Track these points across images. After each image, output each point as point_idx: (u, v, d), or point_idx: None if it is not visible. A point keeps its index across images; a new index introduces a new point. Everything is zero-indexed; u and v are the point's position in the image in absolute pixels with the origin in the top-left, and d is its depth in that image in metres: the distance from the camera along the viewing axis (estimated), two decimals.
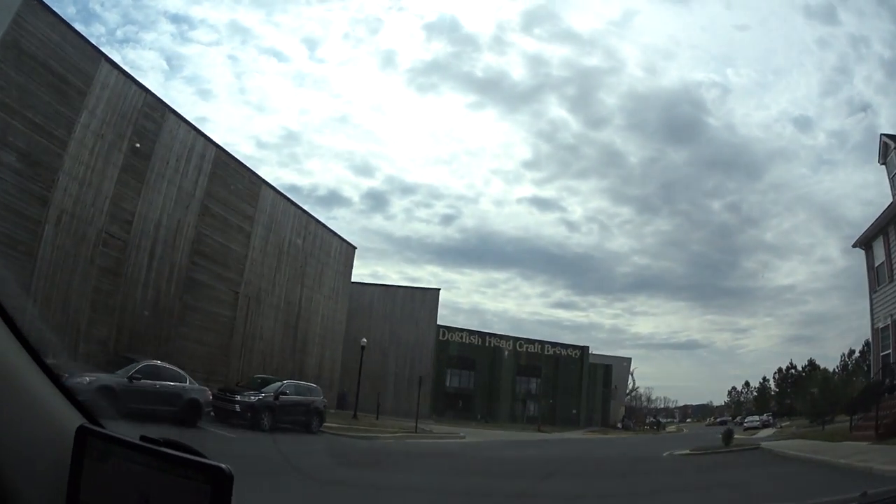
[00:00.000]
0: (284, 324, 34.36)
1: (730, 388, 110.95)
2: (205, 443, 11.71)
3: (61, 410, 1.55)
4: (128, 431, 1.51)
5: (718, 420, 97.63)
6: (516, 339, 65.39)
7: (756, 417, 58.06)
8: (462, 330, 62.89)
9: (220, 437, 16.02)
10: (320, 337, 37.85)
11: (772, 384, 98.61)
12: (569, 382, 65.30)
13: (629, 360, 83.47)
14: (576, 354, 67.25)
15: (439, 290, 55.37)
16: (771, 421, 57.56)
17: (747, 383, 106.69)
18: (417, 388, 35.94)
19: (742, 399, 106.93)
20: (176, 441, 1.44)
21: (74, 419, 1.54)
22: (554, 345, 67.04)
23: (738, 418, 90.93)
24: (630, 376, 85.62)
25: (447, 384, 60.01)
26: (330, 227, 40.12)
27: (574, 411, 65.41)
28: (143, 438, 1.45)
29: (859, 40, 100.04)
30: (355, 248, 42.28)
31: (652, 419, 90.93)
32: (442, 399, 57.73)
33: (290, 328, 35.18)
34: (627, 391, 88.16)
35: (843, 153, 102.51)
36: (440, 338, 59.55)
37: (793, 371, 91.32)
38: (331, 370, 37.28)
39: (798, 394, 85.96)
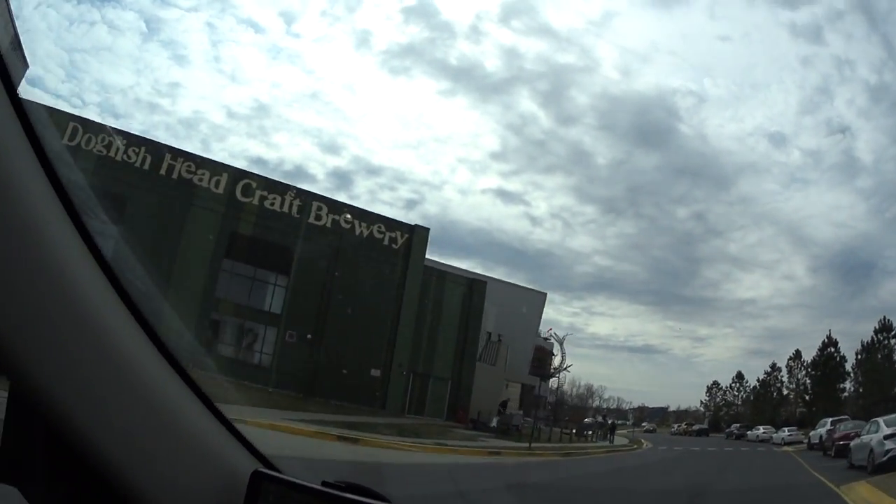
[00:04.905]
0: None
1: (709, 385, 73.61)
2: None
3: (234, 455, 1.46)
4: (305, 475, 1.45)
5: (695, 428, 62.30)
6: (242, 173, 26.37)
7: None
8: (89, 123, 23.75)
9: None
10: None
11: (784, 376, 61.31)
12: (371, 301, 26.62)
13: (543, 295, 44.42)
14: (394, 240, 28.28)
15: None
16: None
17: (740, 374, 69.68)
18: None
19: (731, 399, 69.81)
20: (358, 485, 1.41)
21: (248, 464, 1.45)
22: (337, 206, 27.93)
23: (734, 427, 53.72)
24: (553, 338, 46.59)
25: None
26: None
27: (375, 373, 26.97)
28: (324, 483, 1.41)
29: (844, 63, 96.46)
30: None
31: (596, 419, 53.51)
32: None
33: None
34: (554, 365, 48.97)
35: (817, 173, 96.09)
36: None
37: (833, 351, 53.76)
38: None
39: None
